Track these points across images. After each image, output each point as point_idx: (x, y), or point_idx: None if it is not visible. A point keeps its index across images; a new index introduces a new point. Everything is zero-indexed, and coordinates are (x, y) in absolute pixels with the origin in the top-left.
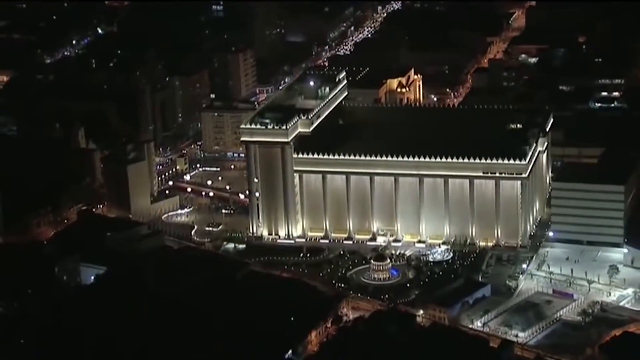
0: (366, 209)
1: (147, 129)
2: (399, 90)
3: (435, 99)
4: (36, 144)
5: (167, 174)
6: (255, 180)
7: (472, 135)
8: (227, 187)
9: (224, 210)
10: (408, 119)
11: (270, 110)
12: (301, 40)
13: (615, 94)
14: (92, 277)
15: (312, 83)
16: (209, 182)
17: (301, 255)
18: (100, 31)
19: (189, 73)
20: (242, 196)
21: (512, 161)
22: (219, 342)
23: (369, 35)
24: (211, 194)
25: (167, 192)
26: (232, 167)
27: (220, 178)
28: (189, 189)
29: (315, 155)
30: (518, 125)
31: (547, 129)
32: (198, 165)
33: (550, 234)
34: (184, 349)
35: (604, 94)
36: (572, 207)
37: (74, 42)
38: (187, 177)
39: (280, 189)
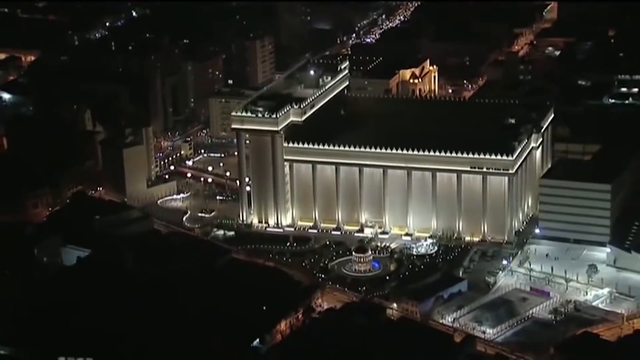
0: (355, 200)
1: (156, 113)
2: (411, 81)
3: (450, 91)
4: (46, 125)
5: (171, 158)
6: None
7: (466, 130)
8: (228, 174)
9: (219, 197)
10: (409, 111)
11: (264, 99)
12: (328, 28)
13: (635, 90)
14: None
15: (312, 72)
16: (210, 168)
17: (287, 244)
18: (134, 14)
19: (203, 59)
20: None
21: (499, 156)
22: (188, 328)
23: (399, 24)
24: (210, 179)
25: (166, 176)
26: (236, 153)
27: (221, 164)
28: (188, 175)
29: (305, 145)
30: (513, 121)
31: (545, 125)
32: (202, 151)
33: (537, 231)
34: (151, 333)
35: (623, 89)
36: (559, 204)
37: (107, 24)
38: (190, 163)
39: (270, 177)
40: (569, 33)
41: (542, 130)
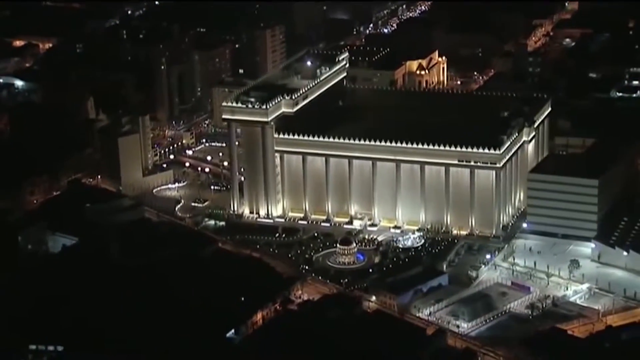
0: (345, 192)
1: (162, 102)
2: (418, 72)
3: (459, 83)
4: (52, 112)
5: (171, 147)
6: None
7: (459, 122)
8: (225, 164)
9: (214, 187)
10: (407, 103)
11: (258, 89)
12: (346, 18)
13: None
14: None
15: (309, 63)
16: (209, 158)
17: (276, 235)
18: (157, 2)
19: (211, 48)
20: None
21: (486, 150)
22: (164, 318)
23: (419, 14)
24: (207, 169)
25: (164, 165)
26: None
27: (220, 154)
28: (187, 164)
29: (295, 136)
30: (506, 114)
31: (540, 119)
32: (204, 140)
33: (525, 225)
34: (126, 322)
35: (635, 82)
36: (547, 199)
37: (129, 12)
38: (190, 152)
39: (261, 168)
40: (587, 24)
41: (537, 124)
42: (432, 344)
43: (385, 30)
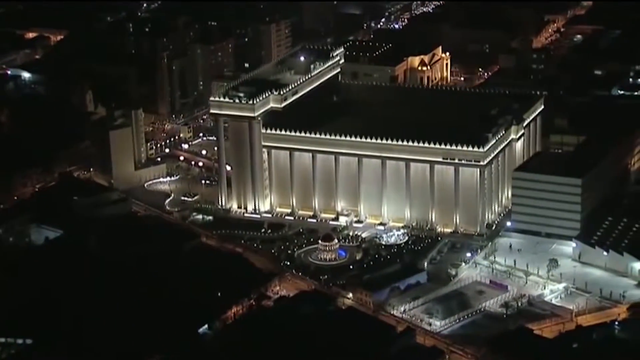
0: (331, 188)
1: (162, 96)
2: (419, 68)
3: (462, 79)
4: (53, 105)
5: (168, 141)
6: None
7: (447, 120)
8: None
9: (205, 181)
10: (400, 99)
11: (248, 84)
12: (358, 13)
13: None
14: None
15: (302, 58)
16: (204, 152)
17: (261, 230)
18: None
19: (213, 42)
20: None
21: (470, 148)
22: (139, 312)
23: (433, 9)
24: (200, 163)
25: (158, 159)
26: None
27: (216, 148)
28: (181, 158)
29: (283, 132)
30: (494, 111)
31: (531, 117)
32: (201, 134)
33: (509, 223)
34: (99, 317)
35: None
36: (531, 197)
37: (144, 5)
38: (185, 146)
39: (248, 163)
40: (600, 20)
41: (527, 122)
42: (399, 341)
43: (396, 26)
